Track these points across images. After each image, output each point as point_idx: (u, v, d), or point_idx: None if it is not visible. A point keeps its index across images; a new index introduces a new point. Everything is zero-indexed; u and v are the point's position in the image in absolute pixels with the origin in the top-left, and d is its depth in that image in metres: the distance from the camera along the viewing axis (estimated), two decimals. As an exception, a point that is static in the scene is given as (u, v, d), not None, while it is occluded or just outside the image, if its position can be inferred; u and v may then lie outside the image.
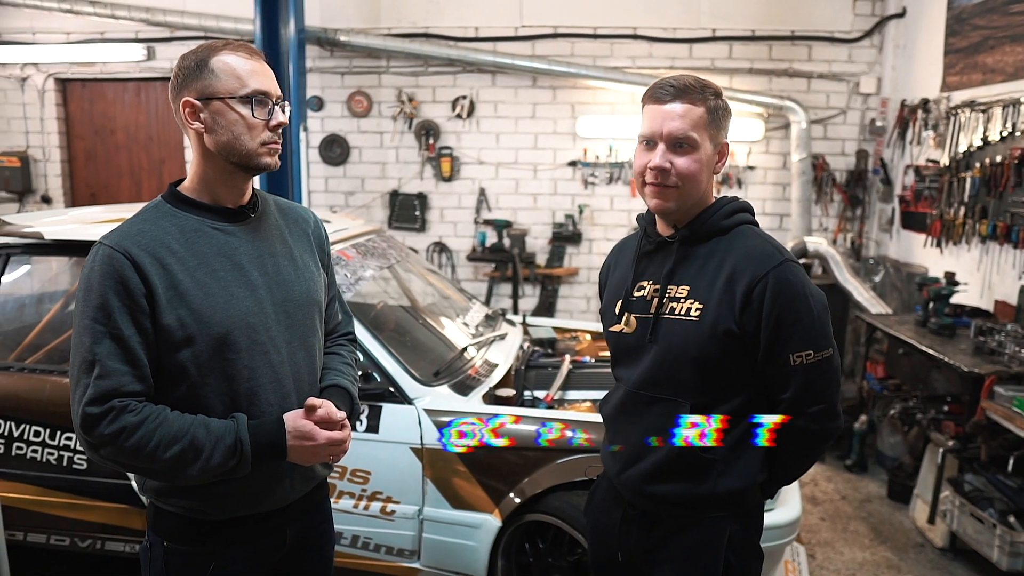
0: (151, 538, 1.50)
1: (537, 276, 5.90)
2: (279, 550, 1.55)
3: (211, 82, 1.37)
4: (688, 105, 1.43)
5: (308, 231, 1.62)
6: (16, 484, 2.76)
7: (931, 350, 3.49)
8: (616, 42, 5.60)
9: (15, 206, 6.24)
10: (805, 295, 1.43)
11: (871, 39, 5.40)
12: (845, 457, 4.39)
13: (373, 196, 6.07)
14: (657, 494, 1.53)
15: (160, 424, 1.32)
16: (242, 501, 1.46)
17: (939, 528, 3.44)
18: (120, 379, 1.32)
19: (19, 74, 6.09)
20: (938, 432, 3.45)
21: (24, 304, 3.11)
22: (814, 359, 1.43)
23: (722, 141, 1.49)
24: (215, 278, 1.40)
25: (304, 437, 1.41)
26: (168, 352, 1.37)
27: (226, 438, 1.36)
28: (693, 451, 1.47)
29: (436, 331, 3.29)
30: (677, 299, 1.49)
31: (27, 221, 3.04)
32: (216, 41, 1.42)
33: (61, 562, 3.09)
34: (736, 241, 1.48)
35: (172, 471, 1.35)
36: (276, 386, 1.46)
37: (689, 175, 1.44)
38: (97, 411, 1.30)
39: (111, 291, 1.32)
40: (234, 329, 1.40)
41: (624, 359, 1.60)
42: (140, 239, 1.36)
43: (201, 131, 1.39)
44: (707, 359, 1.45)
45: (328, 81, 5.89)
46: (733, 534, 1.51)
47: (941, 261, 4.50)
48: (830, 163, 5.56)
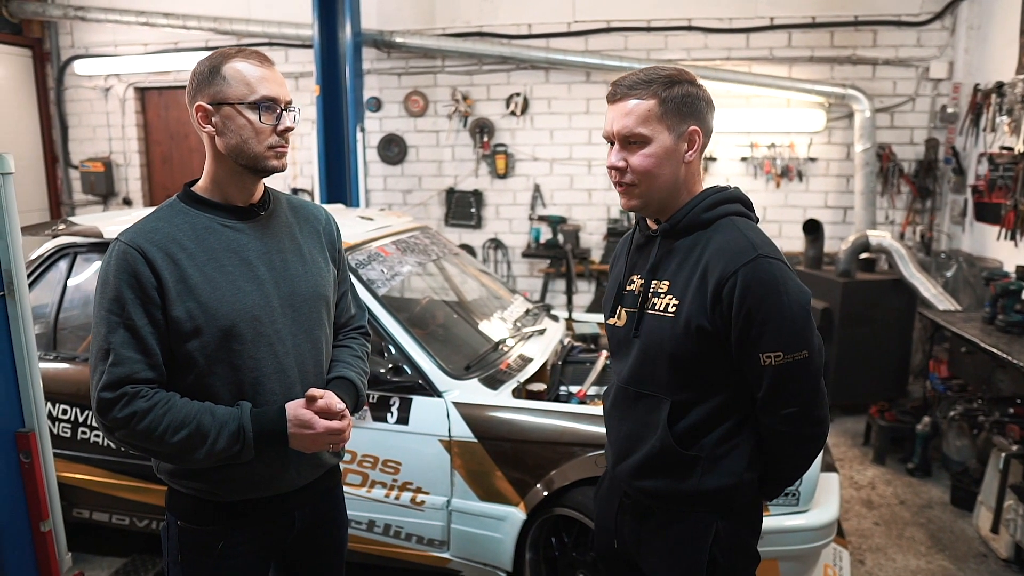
0: (168, 517, 1.59)
1: (592, 272, 5.88)
2: (288, 532, 1.62)
3: (222, 88, 1.44)
4: (635, 101, 1.42)
5: (319, 228, 1.68)
6: (82, 466, 2.97)
7: (995, 349, 3.29)
8: (670, 34, 5.52)
9: (100, 208, 6.68)
10: (778, 293, 1.37)
11: (942, 21, 5.12)
12: (907, 460, 4.19)
13: (430, 194, 6.18)
14: (644, 488, 1.52)
15: (169, 410, 1.40)
16: (250, 484, 1.53)
17: (1003, 537, 3.24)
18: (133, 367, 1.40)
19: (103, 84, 6.51)
20: (1001, 436, 3.26)
21: (89, 300, 3.32)
22: (784, 360, 1.37)
23: (687, 129, 1.44)
24: (223, 272, 1.47)
25: (304, 425, 1.47)
26: (178, 342, 1.45)
27: (230, 424, 1.43)
28: (676, 448, 1.46)
29: (472, 326, 3.33)
30: (658, 294, 1.48)
31: (91, 222, 3.25)
32: (229, 48, 1.49)
33: (118, 540, 3.30)
34: (716, 234, 1.44)
35: (180, 454, 1.43)
36: (280, 376, 1.52)
37: (643, 171, 1.43)
38: (111, 396, 1.38)
39: (125, 284, 1.40)
40: (239, 321, 1.46)
41: (617, 353, 1.60)
42: (153, 236, 1.45)
43: (213, 134, 1.46)
44: (683, 356, 1.43)
45: (385, 82, 6.03)
46: (720, 531, 1.48)
47: (1016, 255, 4.24)
48: (897, 153, 5.31)
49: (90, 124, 6.66)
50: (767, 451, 1.49)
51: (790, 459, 1.50)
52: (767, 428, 1.46)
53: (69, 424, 2.95)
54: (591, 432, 2.50)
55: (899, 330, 4.66)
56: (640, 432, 1.52)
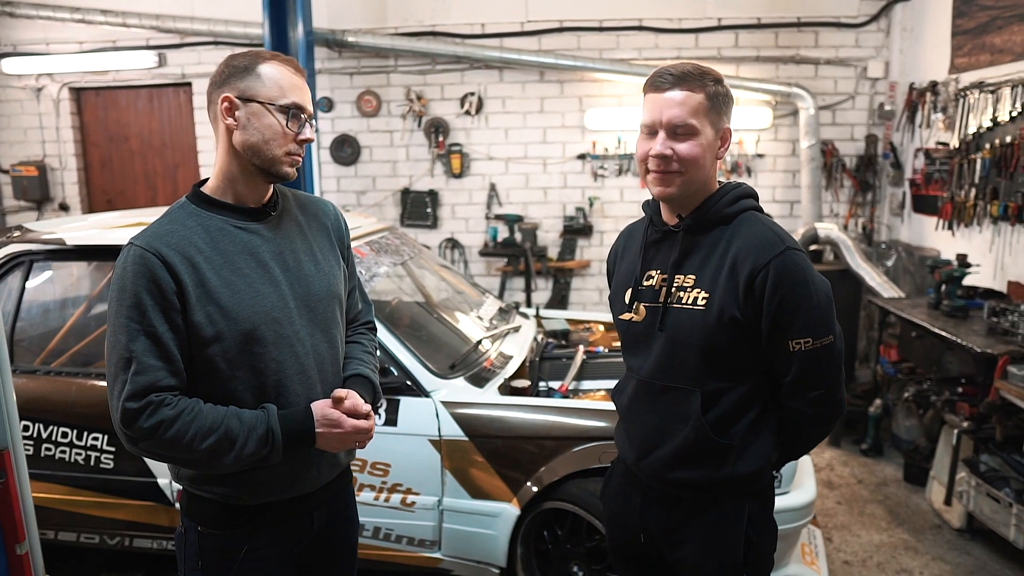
0: (185, 523, 1.56)
1: (549, 269, 5.94)
2: (307, 533, 1.62)
3: (255, 84, 1.44)
4: (687, 92, 1.45)
5: (328, 224, 1.68)
6: (46, 484, 2.83)
7: (944, 332, 3.49)
8: (622, 34, 5.62)
9: (34, 214, 6.36)
10: (806, 283, 1.44)
11: (878, 23, 5.38)
12: (860, 441, 4.40)
13: (384, 194, 6.12)
14: (678, 480, 1.56)
15: (196, 417, 1.39)
16: (273, 487, 1.53)
17: (956, 509, 3.45)
18: (156, 374, 1.37)
19: (34, 84, 6.19)
20: (953, 414, 3.46)
21: (48, 309, 3.17)
22: (813, 346, 1.45)
23: (723, 127, 1.50)
24: (240, 275, 1.46)
25: (333, 425, 1.48)
26: (199, 348, 1.43)
27: (258, 428, 1.42)
28: (712, 437, 1.50)
29: (451, 325, 3.33)
30: (684, 288, 1.52)
31: (48, 228, 3.11)
32: (267, 51, 1.49)
33: (90, 560, 3.16)
34: (740, 229, 1.50)
35: (209, 461, 1.41)
36: (302, 377, 1.52)
37: (691, 160, 1.46)
38: (136, 406, 1.36)
39: (144, 290, 1.38)
40: (260, 324, 1.46)
41: (634, 347, 1.62)
42: (169, 239, 1.42)
43: (233, 127, 1.45)
44: (714, 347, 1.48)
45: (337, 82, 5.94)
46: (752, 512, 1.55)
47: (953, 243, 4.50)
48: (839, 149, 5.55)
49: (21, 126, 6.32)
50: (789, 432, 1.56)
51: (810, 438, 1.59)
52: (793, 411, 1.53)
53: (31, 441, 2.82)
54: (582, 425, 2.55)
55: (847, 318, 4.87)
56: (668, 425, 1.55)
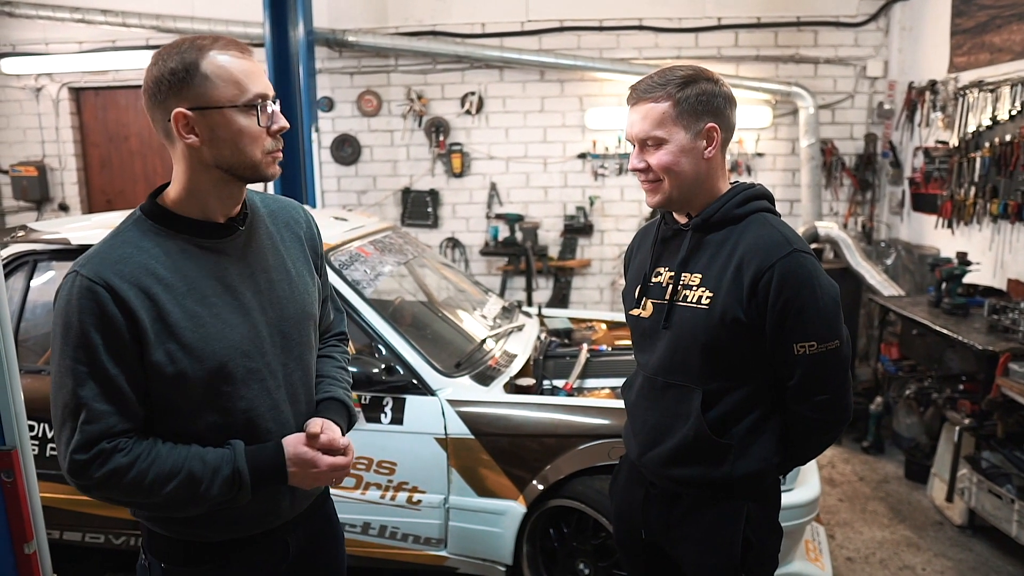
0: (148, 558, 1.41)
1: (550, 269, 5.95)
2: (283, 561, 1.48)
3: (205, 89, 1.21)
4: (650, 105, 1.47)
5: (300, 233, 1.51)
6: (51, 484, 2.82)
7: (945, 330, 3.51)
8: (622, 34, 5.63)
9: (33, 215, 6.35)
10: (812, 286, 1.43)
11: (877, 22, 5.40)
12: (862, 439, 4.42)
13: (385, 194, 6.13)
14: (677, 476, 1.57)
15: (153, 461, 1.24)
16: (240, 522, 1.39)
17: (957, 506, 3.47)
18: (108, 420, 1.22)
19: (33, 84, 6.19)
20: (954, 411, 3.47)
21: (51, 309, 3.18)
22: (818, 350, 1.43)
23: (703, 127, 1.47)
24: (206, 305, 1.29)
25: (307, 464, 1.35)
26: (158, 387, 1.27)
27: (223, 469, 1.28)
28: (711, 436, 1.51)
29: (455, 324, 3.34)
30: (690, 287, 1.52)
31: (52, 228, 3.11)
32: (202, 38, 1.24)
33: (96, 559, 3.17)
34: (749, 229, 1.49)
35: (170, 506, 1.28)
36: (274, 413, 1.38)
37: (664, 167, 1.48)
38: (85, 457, 1.21)
39: (92, 327, 1.20)
40: (228, 360, 1.30)
41: (642, 344, 1.64)
42: (121, 267, 1.23)
43: (197, 144, 1.24)
44: (716, 346, 1.48)
45: (338, 82, 5.94)
46: (751, 512, 1.55)
47: (952, 242, 4.52)
48: (839, 148, 5.57)
49: (20, 126, 6.31)
50: (793, 436, 1.55)
51: (815, 444, 1.58)
52: (797, 416, 1.52)
53: (36, 441, 2.82)
54: (588, 423, 2.55)
55: (847, 316, 4.87)
56: (669, 422, 1.56)
